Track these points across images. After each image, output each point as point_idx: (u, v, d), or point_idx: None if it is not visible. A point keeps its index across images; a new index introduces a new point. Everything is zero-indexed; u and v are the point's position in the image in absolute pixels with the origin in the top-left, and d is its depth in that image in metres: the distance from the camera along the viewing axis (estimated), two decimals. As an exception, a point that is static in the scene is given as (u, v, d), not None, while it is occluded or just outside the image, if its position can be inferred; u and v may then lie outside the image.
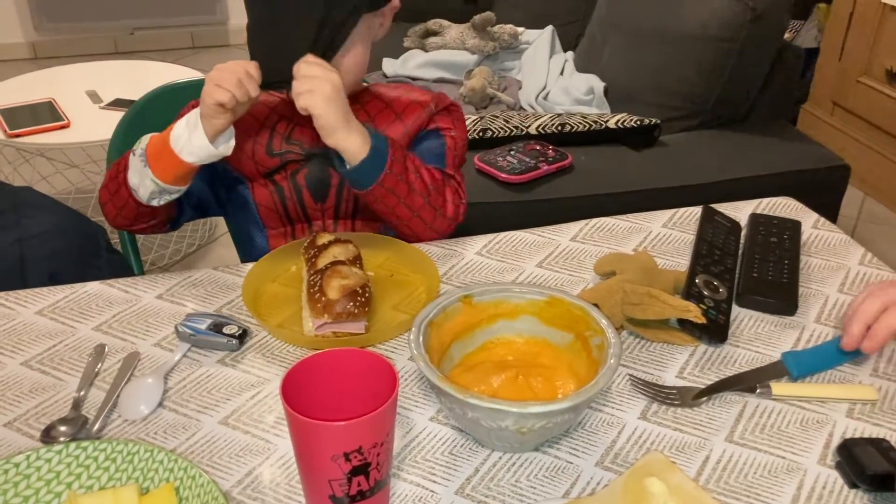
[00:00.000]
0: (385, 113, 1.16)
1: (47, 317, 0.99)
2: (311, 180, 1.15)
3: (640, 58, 2.31)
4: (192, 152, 1.00)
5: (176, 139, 1.01)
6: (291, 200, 1.16)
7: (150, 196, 1.04)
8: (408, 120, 1.16)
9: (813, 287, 1.04)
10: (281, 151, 1.14)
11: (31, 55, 4.01)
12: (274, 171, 1.15)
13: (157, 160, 1.02)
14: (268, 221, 1.17)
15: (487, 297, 0.87)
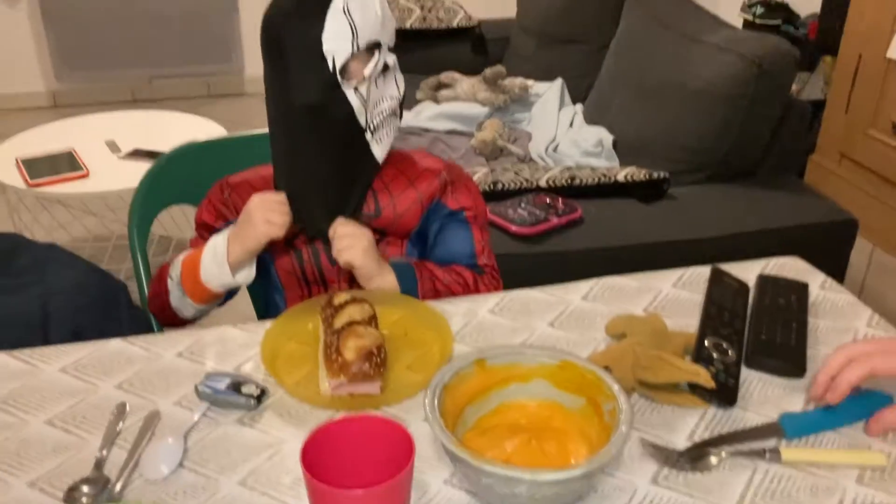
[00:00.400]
0: (399, 180, 1.21)
1: (70, 374, 1.01)
2: (329, 244, 1.18)
3: (648, 112, 2.36)
4: (222, 285, 1.17)
5: (206, 272, 1.15)
6: (309, 263, 1.19)
7: (194, 314, 1.22)
8: (420, 187, 1.21)
9: (821, 350, 1.06)
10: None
11: (50, 103, 4.09)
12: (294, 236, 1.19)
13: (192, 290, 1.17)
14: (286, 284, 1.21)
15: (501, 361, 0.89)
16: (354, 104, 1.11)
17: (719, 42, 2.17)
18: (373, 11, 1.11)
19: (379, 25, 1.12)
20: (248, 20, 4.09)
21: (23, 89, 4.03)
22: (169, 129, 2.76)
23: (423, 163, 1.24)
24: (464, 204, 1.23)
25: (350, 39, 1.09)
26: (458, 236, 1.23)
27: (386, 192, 1.20)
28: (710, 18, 2.37)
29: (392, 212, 1.20)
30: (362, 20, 1.09)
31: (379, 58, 1.13)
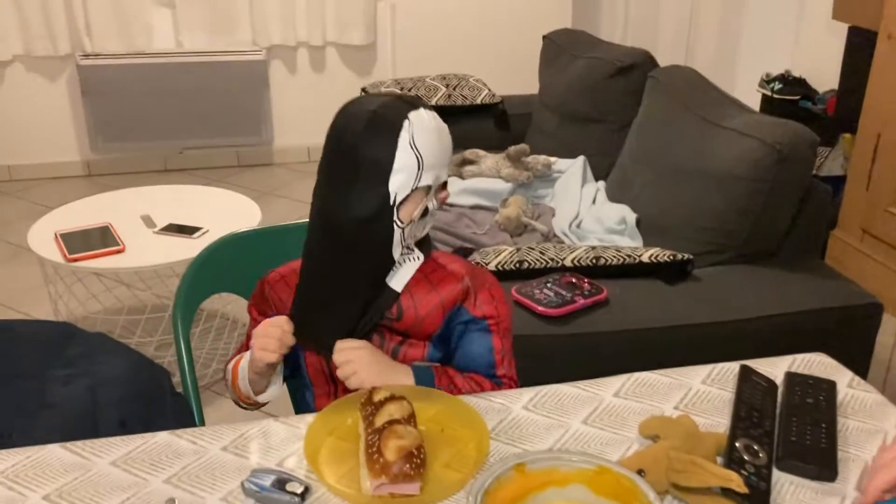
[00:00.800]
0: (422, 284, 1.25)
1: (120, 468, 1.05)
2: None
3: (670, 192, 2.41)
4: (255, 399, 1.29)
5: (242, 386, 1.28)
6: (333, 365, 1.22)
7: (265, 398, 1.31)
8: (443, 291, 1.24)
9: (851, 452, 1.08)
10: None
11: (85, 172, 4.22)
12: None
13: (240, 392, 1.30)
14: (315, 381, 1.26)
15: (540, 466, 0.92)
16: (396, 236, 1.18)
17: (740, 127, 2.23)
18: (439, 147, 1.18)
19: (442, 164, 1.19)
20: (277, 95, 4.22)
21: (59, 159, 4.17)
22: (202, 203, 2.84)
23: (448, 266, 1.27)
24: (486, 312, 1.25)
25: (414, 175, 1.16)
26: (479, 345, 1.25)
27: (408, 294, 1.24)
28: (731, 102, 2.44)
29: (414, 315, 1.23)
30: (429, 155, 1.16)
31: (428, 200, 1.19)
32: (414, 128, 1.15)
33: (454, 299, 1.24)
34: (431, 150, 1.16)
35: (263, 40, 4.11)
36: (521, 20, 4.29)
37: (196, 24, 4.01)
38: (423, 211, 1.19)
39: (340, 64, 4.29)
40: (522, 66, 3.90)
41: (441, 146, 1.18)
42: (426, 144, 1.15)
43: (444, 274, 1.26)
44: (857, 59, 3.27)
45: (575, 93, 3.04)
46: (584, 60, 3.05)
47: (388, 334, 1.24)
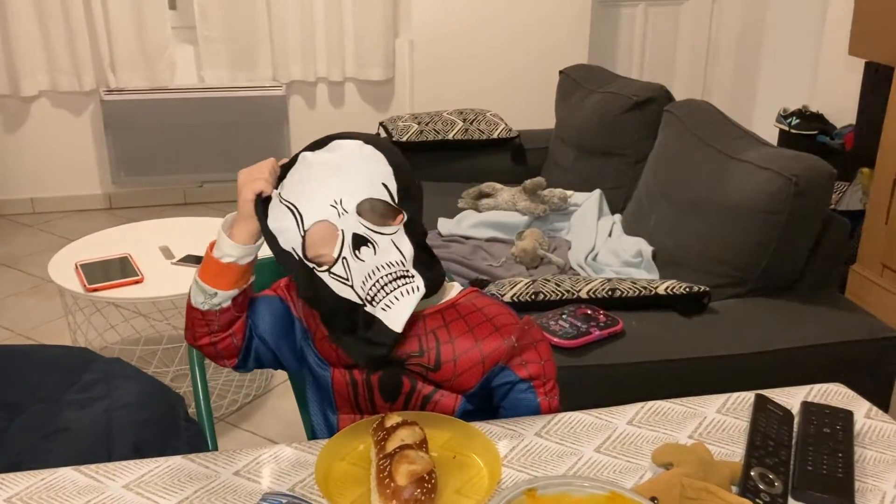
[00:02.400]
0: (466, 337, 1.20)
1: (133, 491, 1.05)
2: (384, 383, 1.22)
3: (686, 225, 2.40)
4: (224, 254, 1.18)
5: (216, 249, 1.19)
6: (363, 396, 1.23)
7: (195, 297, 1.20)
8: (486, 348, 1.20)
9: (869, 482, 1.06)
10: None
11: (106, 205, 4.28)
12: (354, 364, 1.22)
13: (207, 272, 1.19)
14: (340, 405, 1.25)
15: (551, 491, 0.91)
16: (333, 285, 1.15)
17: (756, 159, 2.23)
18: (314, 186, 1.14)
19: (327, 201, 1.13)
20: (297, 130, 4.27)
21: (81, 192, 4.23)
22: (220, 235, 2.87)
23: (496, 320, 1.22)
24: (532, 372, 1.22)
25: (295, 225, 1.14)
26: (525, 407, 1.22)
27: (450, 345, 1.20)
28: (747, 135, 2.44)
29: (452, 369, 1.20)
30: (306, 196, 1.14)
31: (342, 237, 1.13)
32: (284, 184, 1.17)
33: (496, 359, 1.20)
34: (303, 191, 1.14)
35: (284, 76, 4.17)
36: (537, 56, 4.33)
37: (218, 60, 4.08)
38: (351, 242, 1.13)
39: (359, 99, 4.34)
40: (539, 101, 3.94)
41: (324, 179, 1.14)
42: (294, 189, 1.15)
43: (491, 329, 1.21)
44: (874, 95, 3.27)
45: (591, 127, 3.06)
46: (600, 95, 3.07)
47: (422, 382, 1.21)
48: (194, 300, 1.20)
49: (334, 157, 1.16)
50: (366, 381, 1.22)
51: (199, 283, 1.19)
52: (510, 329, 1.22)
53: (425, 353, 1.20)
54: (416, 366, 1.21)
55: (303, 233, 1.14)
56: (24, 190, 4.16)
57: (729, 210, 2.23)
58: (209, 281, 1.18)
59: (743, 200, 2.19)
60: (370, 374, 1.22)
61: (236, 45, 4.07)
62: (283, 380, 2.73)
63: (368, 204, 1.15)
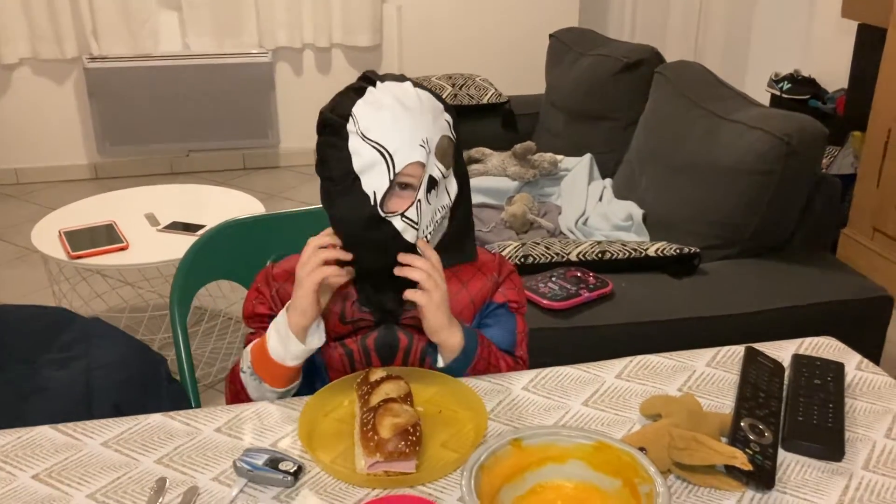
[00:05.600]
0: (452, 281, 1.18)
1: (112, 448, 1.03)
2: (380, 344, 1.19)
3: (677, 188, 2.38)
4: (295, 357, 1.12)
5: (275, 352, 1.12)
6: (360, 363, 1.20)
7: (277, 398, 1.15)
8: (473, 289, 1.22)
9: (860, 432, 1.05)
10: (354, 319, 1.19)
11: (92, 175, 4.23)
12: (345, 335, 1.19)
13: (268, 374, 1.14)
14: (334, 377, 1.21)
15: (537, 441, 0.90)
16: (399, 226, 1.08)
17: (747, 119, 2.21)
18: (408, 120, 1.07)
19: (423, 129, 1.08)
20: (283, 98, 4.22)
21: (66, 162, 4.18)
22: (206, 202, 2.84)
23: (477, 262, 1.23)
24: (510, 297, 1.24)
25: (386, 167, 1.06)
26: (504, 326, 1.24)
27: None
28: (738, 96, 2.41)
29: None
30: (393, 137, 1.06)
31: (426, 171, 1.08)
32: (360, 122, 1.06)
33: (484, 297, 1.22)
34: (394, 129, 1.06)
35: (269, 42, 4.11)
36: (527, 19, 4.28)
37: (202, 27, 4.01)
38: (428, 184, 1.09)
39: (346, 65, 4.29)
40: (529, 66, 3.89)
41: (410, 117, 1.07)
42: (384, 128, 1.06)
43: (474, 270, 1.22)
44: (866, 57, 3.24)
45: (582, 91, 3.02)
46: (590, 58, 3.03)
47: (417, 335, 1.19)
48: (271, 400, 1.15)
49: (401, 96, 1.08)
50: (362, 348, 1.19)
51: (262, 385, 1.15)
52: (491, 266, 1.24)
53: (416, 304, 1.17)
54: (410, 319, 1.18)
55: (392, 176, 1.07)
56: (7, 160, 4.11)
57: (720, 171, 2.21)
58: (275, 383, 1.15)
59: (734, 161, 2.16)
60: (365, 340, 1.19)
61: (221, 11, 4.00)
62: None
63: (445, 141, 1.11)
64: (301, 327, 1.11)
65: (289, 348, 1.11)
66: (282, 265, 1.25)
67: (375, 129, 1.06)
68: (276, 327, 1.13)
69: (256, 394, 1.16)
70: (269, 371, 1.13)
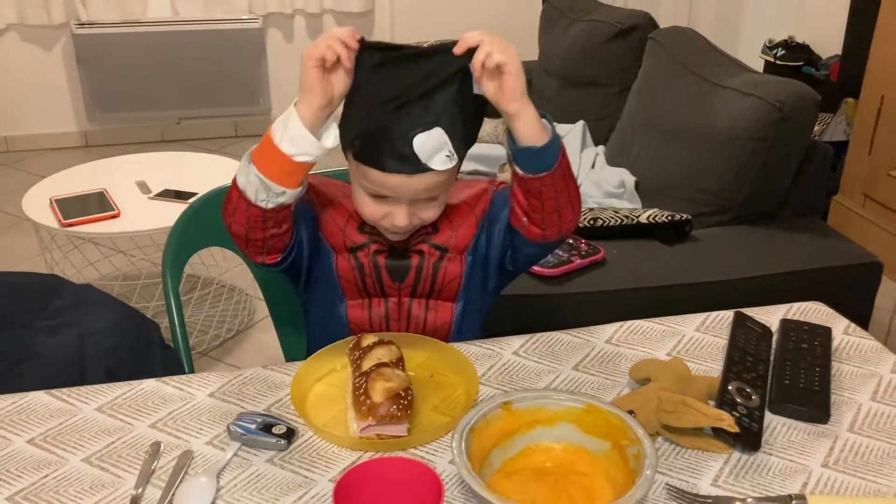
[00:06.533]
0: (462, 207, 1.22)
1: (106, 413, 1.04)
2: (391, 264, 1.20)
3: (669, 154, 2.38)
4: (292, 141, 1.02)
5: (275, 131, 1.03)
6: (371, 277, 1.20)
7: (257, 195, 1.06)
8: (472, 202, 1.23)
9: (845, 395, 1.06)
10: (370, 231, 1.20)
11: (82, 143, 4.19)
12: (359, 247, 1.20)
13: (261, 156, 1.04)
14: (347, 292, 1.22)
15: (526, 404, 0.91)
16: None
17: (740, 86, 2.20)
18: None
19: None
20: (274, 64, 4.17)
21: (56, 129, 4.14)
22: (198, 169, 2.82)
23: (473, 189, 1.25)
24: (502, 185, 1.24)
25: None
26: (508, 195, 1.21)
27: (448, 221, 1.22)
28: (731, 62, 2.40)
29: (450, 226, 1.21)
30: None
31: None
32: None
33: (484, 206, 1.23)
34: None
35: (260, 8, 4.06)
36: (520, -15, 4.24)
37: (192, -8, 3.96)
38: None
39: (338, 32, 4.24)
40: (522, 32, 3.83)
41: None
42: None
43: (470, 193, 1.25)
44: (861, 24, 3.22)
45: (574, 57, 3.00)
46: (583, 24, 3.01)
47: (428, 250, 1.21)
48: (255, 197, 1.06)
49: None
50: (372, 264, 1.20)
51: (264, 181, 1.04)
52: (482, 183, 1.26)
53: (426, 236, 1.21)
54: (421, 243, 1.21)
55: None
56: (-4, 128, 4.07)
57: (712, 138, 2.20)
58: (278, 179, 1.04)
59: (726, 127, 2.16)
60: (376, 256, 1.20)
61: (210, -25, 3.95)
62: (265, 315, 2.71)
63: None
64: (308, 109, 1.02)
65: (288, 127, 1.02)
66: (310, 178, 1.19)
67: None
68: (283, 118, 1.05)
69: (243, 178, 1.07)
70: (264, 154, 1.04)
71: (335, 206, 1.22)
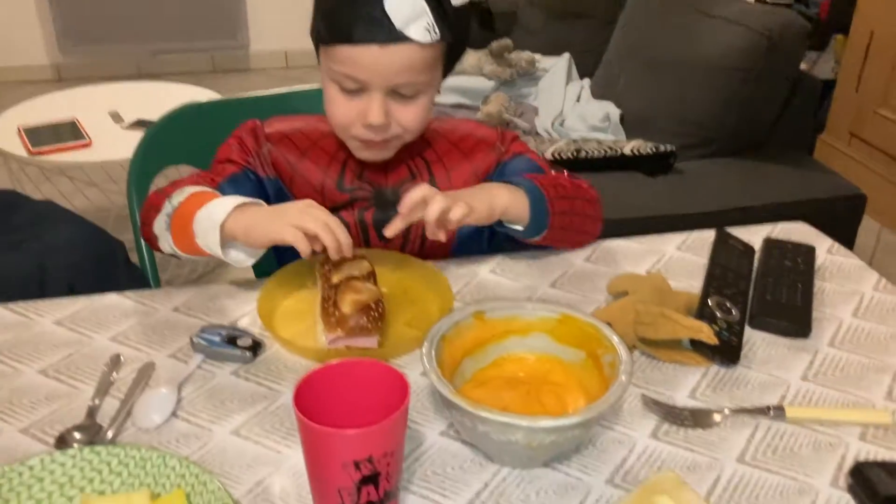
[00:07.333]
0: (453, 153, 1.15)
1: (65, 326, 1.00)
2: (378, 220, 1.13)
3: (656, 86, 2.33)
4: (206, 246, 0.95)
5: (198, 221, 0.95)
6: (356, 239, 1.14)
7: (169, 252, 1.02)
8: (475, 160, 1.16)
9: (826, 311, 1.04)
10: (351, 188, 1.13)
11: (55, 77, 4.08)
12: (341, 206, 1.14)
13: (179, 231, 0.98)
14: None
15: (500, 314, 0.87)
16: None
17: (729, 15, 2.15)
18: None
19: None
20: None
21: (27, 62, 4.02)
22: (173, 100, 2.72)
23: (476, 133, 1.17)
24: (517, 150, 1.18)
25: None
26: (521, 165, 1.15)
27: (440, 164, 1.15)
28: (720, -8, 2.34)
29: (448, 188, 1.12)
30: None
31: None
32: None
33: (488, 168, 1.16)
34: None
35: (238, -63, 3.93)
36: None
37: (166, -81, 3.82)
38: None
39: (319, -37, 4.12)
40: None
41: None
42: None
43: (475, 141, 1.16)
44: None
45: (560, -13, 2.92)
46: (570, -47, 2.92)
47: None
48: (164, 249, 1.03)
49: None
50: (359, 222, 1.14)
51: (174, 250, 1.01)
52: (492, 137, 1.17)
53: (417, 176, 1.14)
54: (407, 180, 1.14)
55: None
56: (-35, 60, 3.95)
57: (699, 68, 2.16)
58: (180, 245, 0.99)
59: (714, 57, 2.11)
60: (363, 213, 1.14)
61: None
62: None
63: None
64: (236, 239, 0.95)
65: (207, 235, 0.94)
66: (273, 125, 1.15)
67: None
68: (220, 206, 0.94)
69: (158, 230, 1.01)
70: (183, 232, 0.97)
71: (306, 165, 1.12)
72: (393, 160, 1.12)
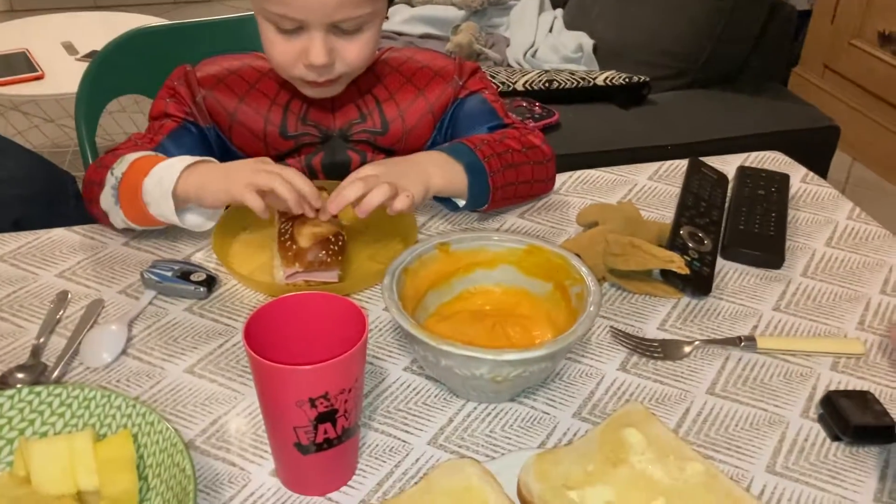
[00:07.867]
0: (406, 88, 1.08)
1: (8, 262, 0.95)
2: (328, 164, 1.07)
3: (629, 15, 2.27)
4: (160, 214, 0.90)
5: (147, 191, 0.89)
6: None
7: (123, 227, 0.97)
8: (431, 95, 1.08)
9: (800, 241, 1.02)
10: (296, 133, 1.06)
11: (6, 7, 3.90)
12: (286, 154, 1.07)
13: (129, 204, 0.91)
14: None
15: (465, 246, 0.84)
16: None
17: (705, -60, 2.08)
18: None
19: None
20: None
21: (-24, -8, 3.84)
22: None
23: (433, 65, 1.09)
24: (474, 88, 1.10)
25: None
26: (474, 107, 1.09)
27: (392, 102, 1.07)
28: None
29: (401, 127, 1.08)
30: None
31: None
32: None
33: (444, 103, 1.09)
34: None
35: None
36: None
37: None
38: None
39: None
40: None
41: None
42: None
43: (431, 74, 1.09)
44: None
45: (533, -87, 2.81)
46: None
47: (372, 152, 1.08)
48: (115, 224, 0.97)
49: None
50: (307, 168, 1.08)
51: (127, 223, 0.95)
52: (450, 69, 1.10)
53: (367, 117, 1.07)
54: (361, 133, 1.08)
55: None
56: None
57: (674, -4, 2.10)
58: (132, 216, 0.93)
59: (689, -16, 2.05)
60: (310, 159, 1.08)
61: None
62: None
63: None
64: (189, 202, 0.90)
65: (160, 204, 0.89)
66: (205, 69, 1.07)
67: None
68: (167, 170, 0.89)
69: (106, 205, 0.95)
70: (133, 203, 0.91)
71: (244, 111, 1.05)
72: (340, 98, 1.05)
